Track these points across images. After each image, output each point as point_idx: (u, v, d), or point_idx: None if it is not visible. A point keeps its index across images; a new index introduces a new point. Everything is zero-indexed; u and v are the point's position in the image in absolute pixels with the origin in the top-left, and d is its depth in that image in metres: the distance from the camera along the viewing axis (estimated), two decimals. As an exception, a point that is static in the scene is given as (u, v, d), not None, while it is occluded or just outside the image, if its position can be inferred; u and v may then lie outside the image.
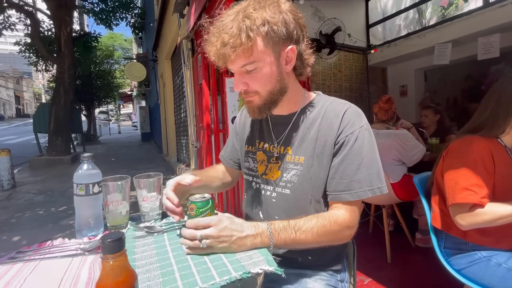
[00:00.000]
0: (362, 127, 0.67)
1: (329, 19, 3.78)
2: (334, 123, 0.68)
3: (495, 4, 2.97)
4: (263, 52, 0.63)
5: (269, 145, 0.79)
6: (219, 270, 0.53)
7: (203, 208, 0.61)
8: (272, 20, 0.61)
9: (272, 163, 0.77)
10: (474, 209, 0.89)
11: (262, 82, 0.66)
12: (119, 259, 0.38)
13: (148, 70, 8.42)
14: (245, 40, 0.59)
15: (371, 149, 0.67)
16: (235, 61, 0.64)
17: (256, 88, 0.67)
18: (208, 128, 2.51)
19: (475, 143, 0.95)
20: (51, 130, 6.60)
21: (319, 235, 0.63)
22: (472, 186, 0.89)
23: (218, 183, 0.91)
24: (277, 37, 0.62)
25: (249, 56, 0.62)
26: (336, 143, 0.68)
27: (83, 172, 0.72)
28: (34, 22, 6.86)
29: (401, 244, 2.05)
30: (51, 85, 13.23)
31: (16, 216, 3.16)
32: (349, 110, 0.69)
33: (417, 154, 1.88)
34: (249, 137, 0.85)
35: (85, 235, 0.72)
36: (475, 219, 0.88)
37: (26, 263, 0.59)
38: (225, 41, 0.60)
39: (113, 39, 23.00)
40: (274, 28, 0.61)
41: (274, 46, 0.63)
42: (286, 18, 0.63)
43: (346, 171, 0.66)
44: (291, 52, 0.65)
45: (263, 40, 0.62)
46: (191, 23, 2.49)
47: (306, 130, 0.72)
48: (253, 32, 0.59)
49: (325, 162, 0.69)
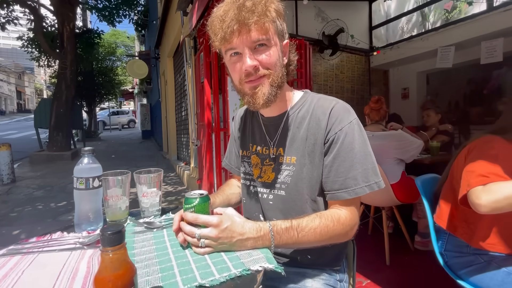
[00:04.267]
0: (351, 122, 0.66)
1: (332, 20, 3.78)
2: (322, 121, 0.68)
3: (499, 8, 2.97)
4: (275, 33, 0.65)
5: (262, 148, 0.78)
6: (219, 267, 0.52)
7: (188, 205, 0.60)
8: (282, 13, 0.66)
9: (266, 165, 0.76)
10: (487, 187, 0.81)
11: (273, 62, 0.65)
12: (119, 252, 0.38)
13: (150, 67, 8.41)
14: (269, 14, 0.62)
15: (363, 143, 0.66)
16: (250, 32, 0.61)
17: (268, 66, 0.65)
18: (209, 126, 2.51)
19: (496, 141, 0.92)
20: (52, 125, 6.61)
21: (321, 235, 0.62)
22: (489, 174, 0.83)
23: (236, 199, 0.89)
24: (281, 29, 0.67)
25: (266, 33, 0.62)
26: (326, 141, 0.67)
27: (83, 166, 0.71)
28: (37, 17, 6.87)
29: (400, 246, 2.05)
30: (52, 81, 13.25)
31: (15, 211, 3.16)
32: (337, 106, 0.68)
33: (417, 148, 1.89)
34: (243, 142, 0.85)
35: (84, 229, 0.72)
36: (493, 195, 0.79)
37: (25, 256, 0.59)
38: (248, 6, 0.59)
39: (115, 36, 22.99)
40: (280, 20, 0.66)
41: (279, 36, 0.67)
42: (284, 16, 0.67)
43: (340, 169, 0.65)
44: (286, 46, 0.70)
45: (277, 23, 0.65)
46: (194, 21, 2.48)
47: (296, 130, 0.72)
48: (272, 11, 0.63)
49: (317, 161, 0.68)
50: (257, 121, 0.81)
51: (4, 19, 7.21)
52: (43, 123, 6.97)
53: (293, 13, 3.64)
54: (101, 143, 11.09)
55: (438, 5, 3.99)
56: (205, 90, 2.51)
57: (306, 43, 2.94)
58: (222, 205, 0.79)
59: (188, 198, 0.61)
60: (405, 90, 4.54)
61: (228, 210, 0.62)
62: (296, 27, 3.64)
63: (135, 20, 9.34)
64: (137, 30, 10.68)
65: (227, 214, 0.60)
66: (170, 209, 0.87)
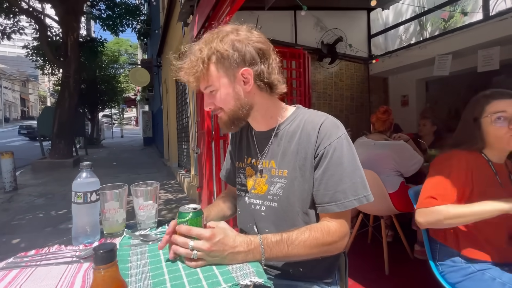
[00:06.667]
0: (339, 137, 0.69)
1: (330, 29, 3.84)
2: (312, 136, 0.70)
3: (495, 17, 3.01)
4: (217, 76, 0.70)
5: (256, 160, 0.81)
6: (210, 281, 0.54)
7: (182, 219, 0.62)
8: (221, 49, 0.68)
9: (259, 177, 0.79)
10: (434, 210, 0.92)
11: (222, 100, 0.72)
12: (110, 270, 0.40)
13: (152, 75, 8.52)
14: (206, 65, 0.68)
15: (351, 158, 0.69)
16: (198, 85, 0.73)
17: (219, 105, 0.73)
18: (209, 134, 2.53)
19: (455, 159, 0.97)
20: (55, 133, 6.68)
21: (311, 248, 0.64)
22: (437, 195, 0.92)
23: (232, 211, 0.90)
24: (228, 63, 0.69)
25: (207, 80, 0.71)
26: (315, 156, 0.70)
27: (81, 181, 0.74)
28: (42, 27, 7.02)
29: (400, 255, 2.04)
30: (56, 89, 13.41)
31: (16, 219, 3.18)
32: (326, 122, 0.71)
33: (415, 164, 1.89)
34: (239, 154, 0.88)
35: (81, 242, 0.73)
36: (431, 216, 0.91)
37: (23, 269, 0.61)
38: (186, 67, 0.70)
39: (119, 44, 23.36)
40: (224, 56, 0.68)
41: (227, 70, 0.70)
42: (237, 46, 0.68)
43: (329, 183, 0.67)
44: (246, 73, 0.70)
45: (215, 66, 0.70)
46: (195, 32, 2.54)
47: (287, 144, 0.74)
48: (204, 62, 0.68)
49: (308, 174, 0.71)
50: (251, 135, 0.84)
51: (10, 29, 7.38)
52: (46, 131, 7.04)
53: (292, 23, 3.71)
54: (103, 150, 11.16)
55: (435, 14, 4.04)
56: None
57: (304, 53, 2.98)
58: (216, 218, 0.82)
59: (181, 212, 0.63)
60: (404, 97, 4.56)
61: (221, 224, 0.64)
62: (295, 37, 3.70)
63: (138, 29, 9.52)
64: (139, 38, 10.86)
65: (220, 227, 0.62)
66: (166, 221, 0.89)
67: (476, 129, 0.98)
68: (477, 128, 0.98)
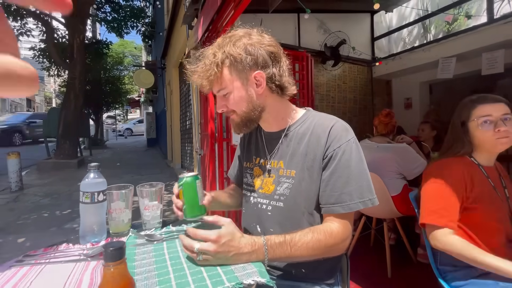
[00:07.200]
0: (349, 141, 0.71)
1: (334, 32, 3.85)
2: (321, 138, 0.72)
3: (500, 20, 3.00)
4: (230, 80, 0.73)
5: (264, 160, 0.83)
6: (213, 280, 0.55)
7: (179, 183, 0.72)
8: (234, 53, 0.70)
9: (266, 177, 0.80)
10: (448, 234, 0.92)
11: (235, 103, 0.75)
12: (120, 267, 0.41)
13: (156, 77, 8.59)
14: (219, 68, 0.71)
15: (359, 161, 0.70)
16: (211, 88, 0.76)
17: (232, 108, 0.76)
18: (212, 136, 2.55)
19: (447, 169, 0.98)
20: (60, 133, 6.75)
21: (314, 249, 0.65)
22: (438, 209, 0.94)
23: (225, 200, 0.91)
24: (241, 66, 0.71)
25: (220, 83, 0.74)
26: (324, 157, 0.71)
27: (89, 181, 0.75)
28: (49, 29, 7.12)
29: (402, 259, 2.03)
30: (62, 90, 13.56)
31: (22, 218, 3.22)
32: (336, 125, 0.73)
33: (418, 167, 1.88)
34: (248, 154, 0.90)
35: (88, 241, 0.75)
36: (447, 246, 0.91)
37: (33, 267, 0.63)
38: (199, 71, 0.73)
39: (123, 46, 23.57)
40: (237, 59, 0.71)
41: (240, 74, 0.72)
42: (250, 50, 0.70)
43: (336, 184, 0.69)
44: (258, 76, 0.72)
45: (228, 70, 0.72)
46: (199, 35, 2.57)
47: (296, 145, 0.76)
48: (218, 66, 0.71)
49: (316, 176, 0.72)
50: (260, 135, 0.87)
51: (17, 31, 7.50)
52: (52, 132, 7.11)
53: (295, 26, 3.73)
54: (107, 151, 11.24)
55: (439, 17, 4.04)
56: (209, 101, 2.57)
57: (308, 55, 2.99)
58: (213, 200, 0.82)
59: (180, 177, 0.71)
60: (408, 100, 4.55)
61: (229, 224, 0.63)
62: (298, 39, 3.72)
63: (143, 31, 9.61)
64: (144, 41, 10.96)
65: (227, 229, 0.62)
66: (171, 221, 0.91)
67: (464, 133, 1.00)
68: (465, 132, 1.00)
